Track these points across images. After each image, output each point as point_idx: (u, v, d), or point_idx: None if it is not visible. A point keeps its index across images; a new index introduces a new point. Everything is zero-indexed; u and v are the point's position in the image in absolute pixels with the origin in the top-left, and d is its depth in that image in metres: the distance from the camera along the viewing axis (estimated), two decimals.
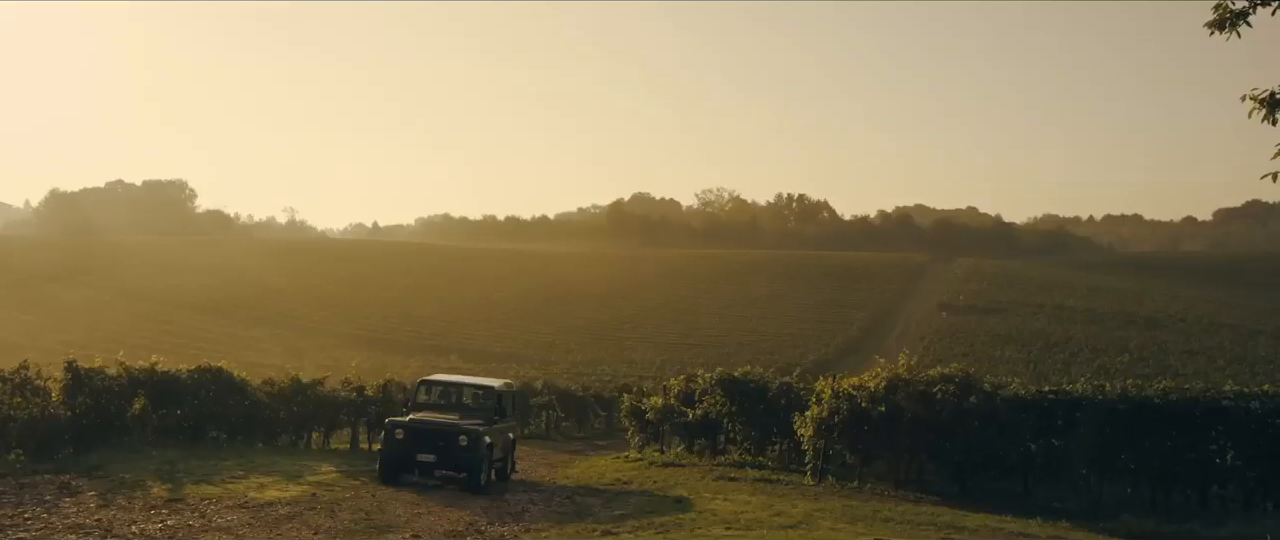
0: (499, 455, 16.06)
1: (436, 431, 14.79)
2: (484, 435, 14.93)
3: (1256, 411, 13.56)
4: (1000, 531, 11.76)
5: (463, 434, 14.68)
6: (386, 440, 15.11)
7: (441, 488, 14.90)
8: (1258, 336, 77.73)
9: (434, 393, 16.85)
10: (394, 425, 15.12)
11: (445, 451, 14.67)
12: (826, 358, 71.77)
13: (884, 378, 15.92)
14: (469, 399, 16.61)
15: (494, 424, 15.73)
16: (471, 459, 14.64)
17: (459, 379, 18.02)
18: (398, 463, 14.85)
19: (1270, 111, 7.97)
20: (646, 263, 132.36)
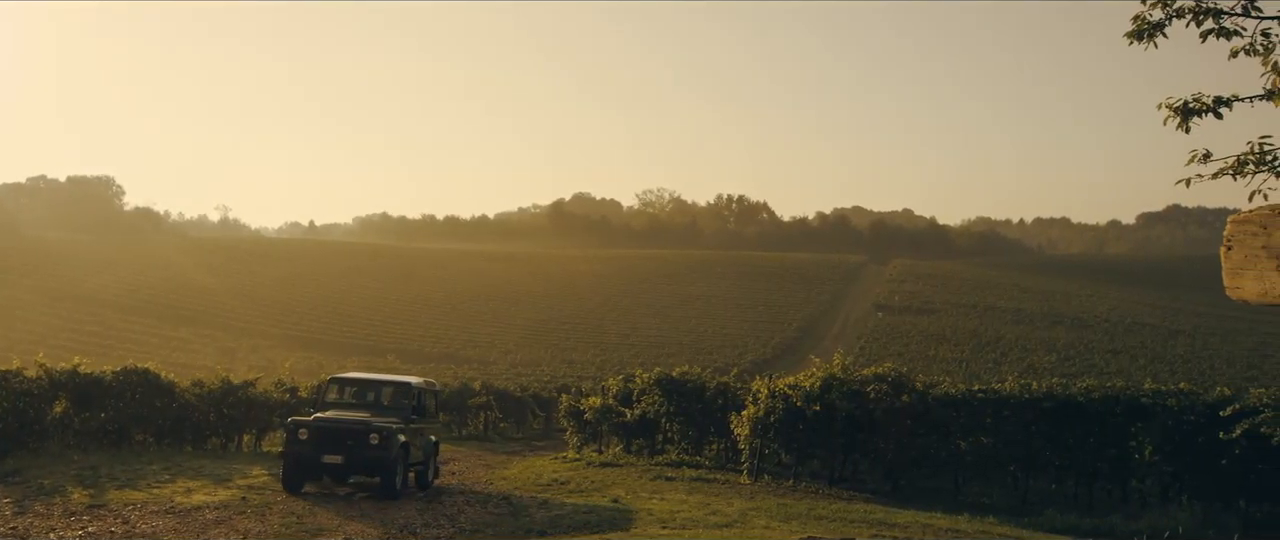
0: (418, 458, 14.96)
1: (345, 431, 13.49)
2: (398, 435, 13.75)
3: (1173, 409, 14.02)
4: (930, 528, 11.99)
5: (374, 432, 13.44)
6: (289, 441, 13.69)
7: (353, 496, 13.74)
8: (1177, 336, 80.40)
9: (346, 391, 15.56)
10: (297, 425, 13.72)
11: (355, 453, 13.37)
12: (765, 357, 72.49)
13: (819, 377, 16.13)
14: (385, 398, 15.26)
15: (411, 423, 14.55)
16: (384, 461, 13.44)
17: (373, 376, 16.62)
18: (301, 466, 13.50)
19: (1184, 119, 8.25)
20: (587, 263, 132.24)
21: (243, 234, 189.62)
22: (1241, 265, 2.28)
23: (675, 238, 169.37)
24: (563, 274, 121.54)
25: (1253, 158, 8.25)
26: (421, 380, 16.22)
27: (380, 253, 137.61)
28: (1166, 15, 8.58)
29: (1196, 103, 8.21)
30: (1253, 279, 2.26)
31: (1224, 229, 2.46)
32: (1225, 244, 2.34)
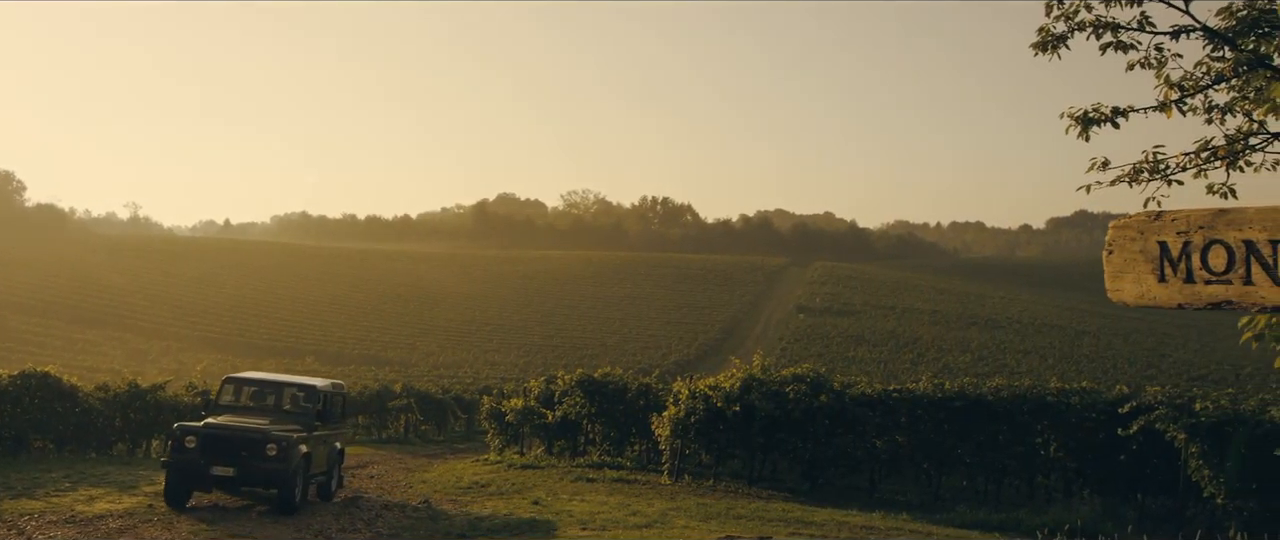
0: (320, 468, 13.71)
1: (238, 439, 12.16)
2: (299, 444, 12.45)
3: (1076, 406, 14.54)
4: (845, 525, 12.21)
5: (272, 442, 12.11)
6: (174, 451, 12.13)
7: (247, 510, 12.62)
8: (1083, 336, 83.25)
9: (243, 393, 14.14)
10: (184, 431, 12.29)
11: (249, 464, 12.04)
12: (688, 358, 72.93)
13: (739, 378, 16.30)
14: (286, 401, 13.98)
15: (315, 430, 13.30)
16: (283, 473, 12.10)
17: (273, 377, 15.15)
18: (187, 479, 12.09)
19: (1084, 129, 8.59)
20: (511, 264, 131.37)
21: (154, 232, 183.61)
22: (1121, 269, 2.38)
23: (600, 239, 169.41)
24: (486, 275, 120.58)
25: (1147, 166, 8.63)
26: (327, 382, 14.93)
27: (299, 253, 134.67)
28: (1069, 28, 8.94)
29: (1096, 113, 8.56)
30: (1131, 282, 2.36)
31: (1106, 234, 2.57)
32: (1107, 248, 2.44)
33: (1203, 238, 2.29)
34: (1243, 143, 8.31)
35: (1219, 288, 2.28)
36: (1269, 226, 2.16)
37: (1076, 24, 8.87)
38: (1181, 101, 8.52)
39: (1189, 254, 2.33)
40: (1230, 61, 8.31)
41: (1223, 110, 8.77)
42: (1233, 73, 8.27)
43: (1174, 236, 2.35)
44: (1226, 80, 8.36)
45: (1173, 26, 8.56)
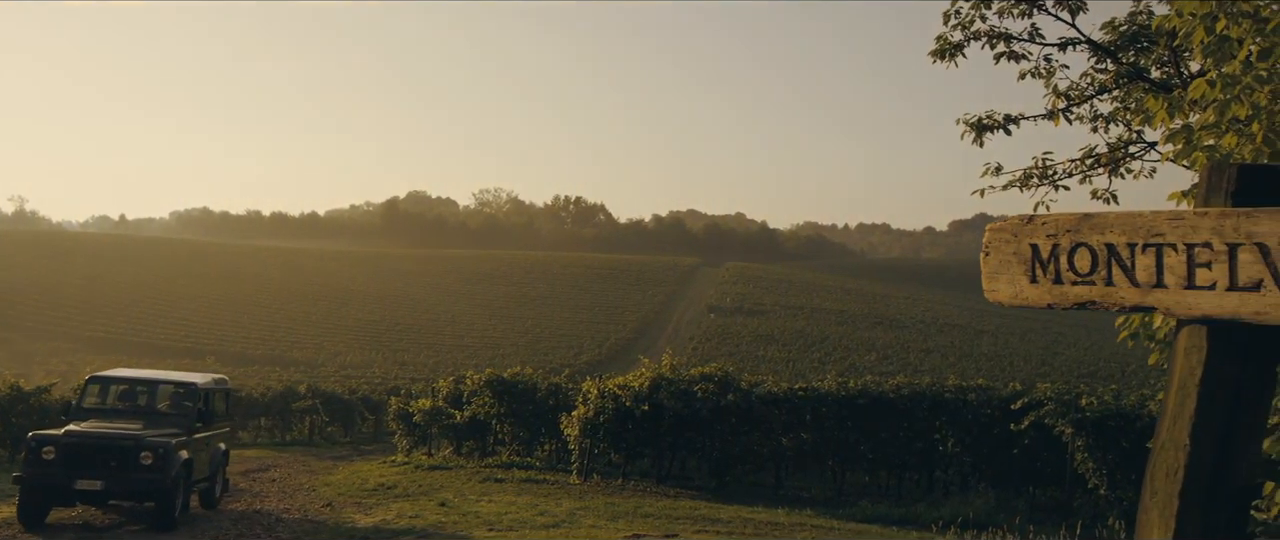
0: (203, 475, 12.49)
1: (106, 447, 10.76)
2: (178, 450, 11.21)
3: (972, 403, 15.07)
4: (751, 522, 12.41)
5: (146, 449, 10.80)
6: (29, 463, 10.71)
7: (120, 526, 11.39)
8: (982, 335, 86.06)
9: (111, 394, 12.74)
10: (40, 441, 10.84)
11: (119, 475, 10.69)
12: (600, 358, 73.00)
13: (648, 377, 16.41)
14: (162, 401, 12.67)
15: (196, 434, 12.07)
16: (160, 484, 10.80)
17: (147, 374, 13.75)
18: (46, 495, 10.75)
19: (979, 135, 8.93)
20: (422, 263, 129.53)
21: (42, 227, 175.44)
22: (996, 270, 2.49)
23: (512, 238, 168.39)
24: (396, 274, 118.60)
25: (1036, 172, 9.02)
26: (208, 378, 13.53)
27: (200, 250, 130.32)
28: (965, 37, 9.28)
29: (989, 120, 8.92)
30: (1005, 282, 2.46)
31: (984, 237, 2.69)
32: (984, 250, 2.55)
33: (1069, 241, 2.41)
34: (1123, 151, 8.74)
35: (1084, 288, 2.40)
36: (1128, 231, 2.29)
37: (972, 33, 9.22)
38: (1068, 110, 8.93)
39: (1058, 256, 2.45)
40: (1112, 73, 8.74)
41: (1106, 120, 9.21)
42: (1114, 84, 8.70)
43: (1044, 239, 2.47)
44: (1109, 91, 8.79)
45: (1060, 39, 8.97)
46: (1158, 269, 2.23)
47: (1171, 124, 5.21)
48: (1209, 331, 2.19)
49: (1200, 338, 2.21)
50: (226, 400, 14.37)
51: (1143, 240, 2.26)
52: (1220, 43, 4.72)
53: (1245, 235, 2.06)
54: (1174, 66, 8.31)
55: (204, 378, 13.32)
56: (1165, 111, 5.12)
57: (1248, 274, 2.05)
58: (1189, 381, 2.24)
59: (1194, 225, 2.15)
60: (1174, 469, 2.25)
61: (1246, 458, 2.25)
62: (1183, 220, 2.18)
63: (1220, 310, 2.11)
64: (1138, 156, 8.71)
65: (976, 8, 8.99)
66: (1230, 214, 2.10)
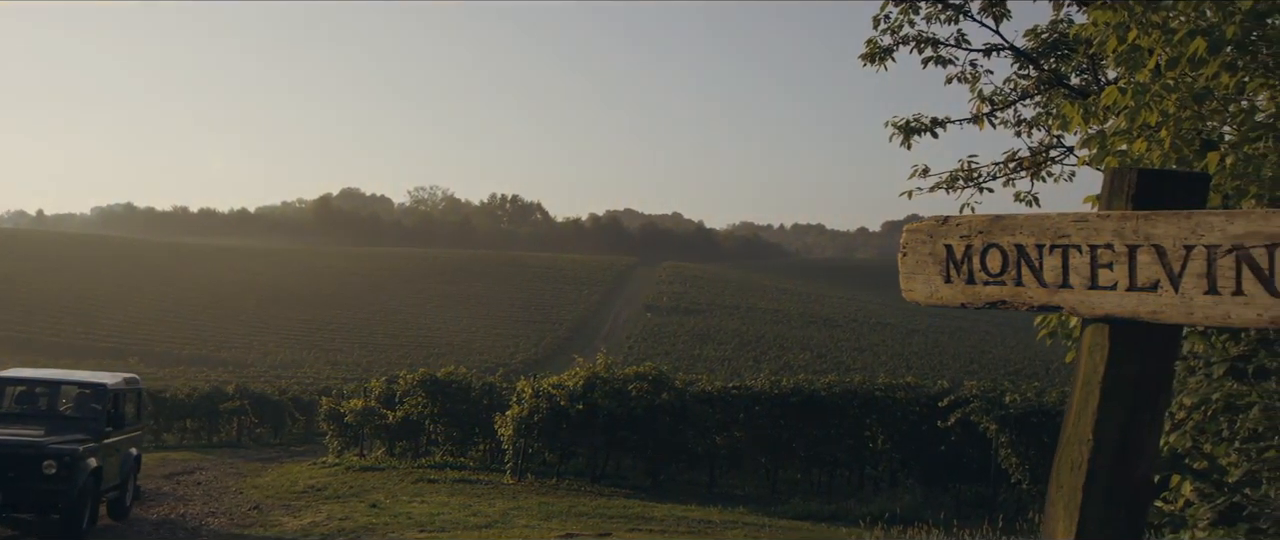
0: (113, 482, 11.62)
1: (3, 456, 9.99)
2: (86, 457, 10.41)
3: (901, 400, 15.36)
4: (684, 520, 12.49)
5: (49, 457, 9.97)
6: None
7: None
8: (914, 334, 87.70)
9: (8, 396, 11.76)
10: None
11: (19, 486, 9.89)
12: (536, 357, 72.71)
13: (582, 377, 16.40)
14: (67, 403, 11.96)
15: (105, 439, 11.16)
16: (65, 495, 10.01)
17: (49, 374, 12.94)
18: None
19: (906, 137, 9.10)
20: (355, 260, 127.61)
21: None
22: (913, 270, 2.55)
23: (448, 237, 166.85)
24: (329, 272, 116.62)
25: (962, 174, 9.23)
26: (118, 377, 12.63)
27: (124, 247, 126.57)
28: (895, 41, 9.46)
29: (917, 123, 9.10)
30: (921, 282, 2.52)
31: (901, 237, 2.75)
32: (901, 251, 2.60)
33: (982, 242, 2.47)
34: (1044, 155, 8.99)
35: (995, 288, 2.46)
36: (1036, 233, 2.36)
37: (901, 38, 9.38)
38: (992, 115, 9.15)
39: (971, 257, 2.50)
40: (1034, 79, 8.99)
41: (1029, 124, 9.46)
42: (1036, 90, 8.94)
43: (958, 240, 2.52)
44: (1031, 97, 9.03)
45: (985, 45, 9.19)
46: (1064, 270, 2.30)
47: (1087, 129, 5.38)
48: (1111, 330, 2.26)
49: (1103, 336, 2.28)
50: (139, 401, 13.56)
51: (1050, 242, 2.33)
52: (1131, 52, 4.88)
53: (1144, 237, 2.13)
54: (1092, 74, 8.57)
55: (114, 378, 12.44)
56: (1080, 117, 5.27)
57: (1146, 275, 2.13)
58: (1092, 379, 2.31)
59: (1097, 228, 2.23)
60: (1078, 463, 2.32)
61: (1146, 452, 2.33)
62: (1087, 223, 2.25)
63: (1121, 310, 2.19)
64: (1058, 161, 8.97)
65: (905, 13, 9.17)
66: (1130, 217, 2.17)
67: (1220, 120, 4.87)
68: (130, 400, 12.78)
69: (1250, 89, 4.72)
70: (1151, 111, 4.76)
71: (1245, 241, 1.95)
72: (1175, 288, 2.08)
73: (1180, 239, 2.07)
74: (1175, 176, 2.31)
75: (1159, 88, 4.68)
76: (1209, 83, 4.71)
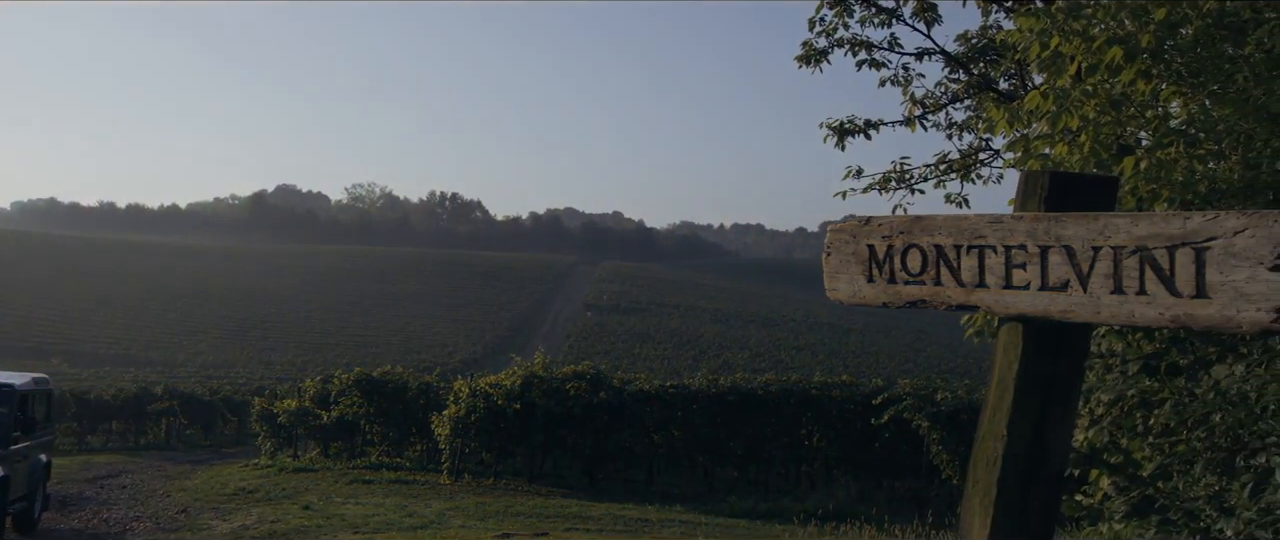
0: (20, 493, 10.74)
1: None
2: None
3: (836, 398, 15.57)
4: (621, 519, 12.51)
5: None
6: None
7: None
8: (850, 333, 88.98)
9: None
10: None
11: None
12: (475, 356, 72.18)
13: (520, 376, 16.34)
14: None
15: (11, 444, 10.27)
16: None
17: None
18: None
19: (841, 138, 9.23)
20: (290, 258, 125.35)
21: None
22: (837, 269, 2.58)
23: (386, 234, 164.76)
24: (263, 270, 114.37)
25: (895, 175, 9.39)
26: (27, 378, 11.70)
27: (46, 243, 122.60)
28: (830, 44, 9.59)
29: (850, 125, 9.23)
30: (845, 281, 2.56)
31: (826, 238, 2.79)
32: (825, 251, 2.64)
33: (903, 242, 2.51)
34: (974, 158, 9.19)
35: (915, 288, 2.51)
36: (954, 233, 2.41)
37: (836, 41, 9.51)
38: (924, 117, 9.33)
39: (892, 257, 2.55)
40: (964, 83, 9.18)
41: (960, 127, 9.66)
42: (966, 94, 9.13)
43: (879, 240, 2.57)
44: (961, 100, 9.22)
45: (917, 49, 9.36)
46: (980, 269, 2.35)
47: (1011, 133, 5.51)
48: (1024, 329, 2.32)
49: (1017, 335, 2.34)
50: (50, 403, 12.72)
51: (967, 242, 2.38)
52: (1054, 58, 5.01)
53: (1055, 238, 2.19)
54: (1020, 79, 8.77)
55: (22, 378, 11.48)
56: (1006, 121, 5.40)
57: (1057, 275, 2.19)
58: (1007, 376, 2.37)
59: (1011, 228, 2.28)
60: (993, 459, 2.38)
61: (1058, 447, 2.40)
62: (1002, 224, 2.31)
63: (1033, 309, 2.24)
64: (987, 163, 9.17)
65: (840, 16, 9.29)
66: (1042, 218, 2.23)
67: (1137, 126, 5.02)
68: (40, 402, 11.92)
69: (1164, 96, 4.88)
70: (1072, 116, 4.89)
71: (1148, 243, 2.02)
72: (1084, 287, 2.14)
73: (1089, 240, 2.13)
74: (1086, 179, 2.38)
75: (1079, 93, 4.82)
76: (1126, 89, 4.86)
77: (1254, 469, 3.58)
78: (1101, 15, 4.82)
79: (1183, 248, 1.97)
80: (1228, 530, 3.67)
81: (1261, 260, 1.84)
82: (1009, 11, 8.32)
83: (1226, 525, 3.67)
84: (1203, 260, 1.93)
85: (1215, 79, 4.20)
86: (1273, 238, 1.83)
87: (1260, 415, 3.47)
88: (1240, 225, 1.88)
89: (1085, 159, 4.95)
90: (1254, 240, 1.86)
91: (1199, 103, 4.62)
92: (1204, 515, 3.95)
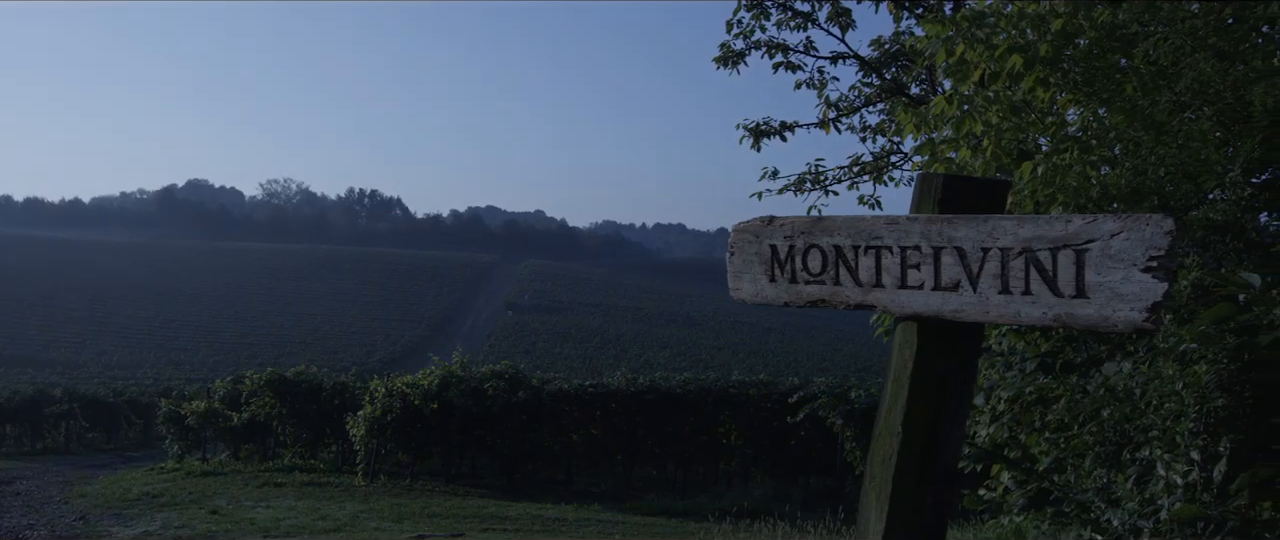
0: None
1: None
2: None
3: (753, 397, 15.74)
4: (538, 519, 12.45)
5: None
6: None
7: None
8: (770, 332, 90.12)
9: None
10: None
11: None
12: (394, 356, 71.12)
13: (437, 375, 16.15)
14: None
15: None
16: None
17: None
18: None
19: (756, 140, 9.34)
20: (202, 255, 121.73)
21: None
22: (741, 269, 2.62)
23: (302, 232, 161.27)
24: (173, 268, 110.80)
25: (810, 177, 9.55)
26: None
27: None
28: (747, 46, 9.70)
29: (766, 126, 9.36)
30: (748, 281, 2.60)
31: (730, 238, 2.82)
32: (729, 251, 2.67)
33: (804, 243, 2.56)
34: (886, 160, 9.39)
35: (816, 287, 2.55)
36: (852, 234, 2.46)
37: (753, 43, 9.62)
38: (838, 120, 9.50)
39: (794, 257, 2.59)
40: (877, 88, 9.37)
41: (873, 130, 9.86)
42: (879, 97, 9.32)
43: (781, 241, 2.60)
44: (874, 104, 9.41)
45: (832, 53, 9.53)
46: (877, 270, 2.41)
47: (919, 136, 5.64)
48: (919, 328, 2.38)
49: (912, 334, 2.40)
50: None
51: (865, 243, 2.43)
52: (959, 65, 5.14)
53: (947, 240, 2.26)
54: (930, 84, 9.00)
55: None
56: (913, 125, 5.54)
57: (949, 275, 2.25)
58: (902, 374, 2.43)
59: (906, 230, 2.34)
60: (889, 455, 2.43)
61: (952, 443, 2.46)
62: (897, 225, 2.37)
63: (927, 308, 2.30)
64: (898, 166, 9.39)
65: (757, 19, 9.40)
66: (936, 220, 2.29)
67: (1037, 131, 5.19)
68: None
69: (1062, 104, 5.06)
70: (976, 121, 5.03)
71: (1033, 245, 2.09)
72: (974, 288, 2.21)
73: (978, 242, 2.20)
74: (977, 183, 2.44)
75: (982, 99, 4.96)
76: (1027, 96, 5.02)
77: (1139, 462, 3.73)
78: (1004, 24, 4.97)
79: (1064, 249, 2.04)
80: (1115, 521, 3.82)
81: (1135, 262, 1.92)
82: (919, 18, 8.53)
83: (1113, 516, 3.83)
84: (1082, 262, 2.01)
85: (1107, 88, 4.37)
86: (1145, 240, 1.91)
87: (1144, 410, 3.62)
88: (1116, 228, 1.96)
89: (988, 163, 5.10)
90: (1129, 243, 1.94)
91: (1093, 111, 4.80)
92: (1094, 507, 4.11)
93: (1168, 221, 1.89)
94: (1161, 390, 3.50)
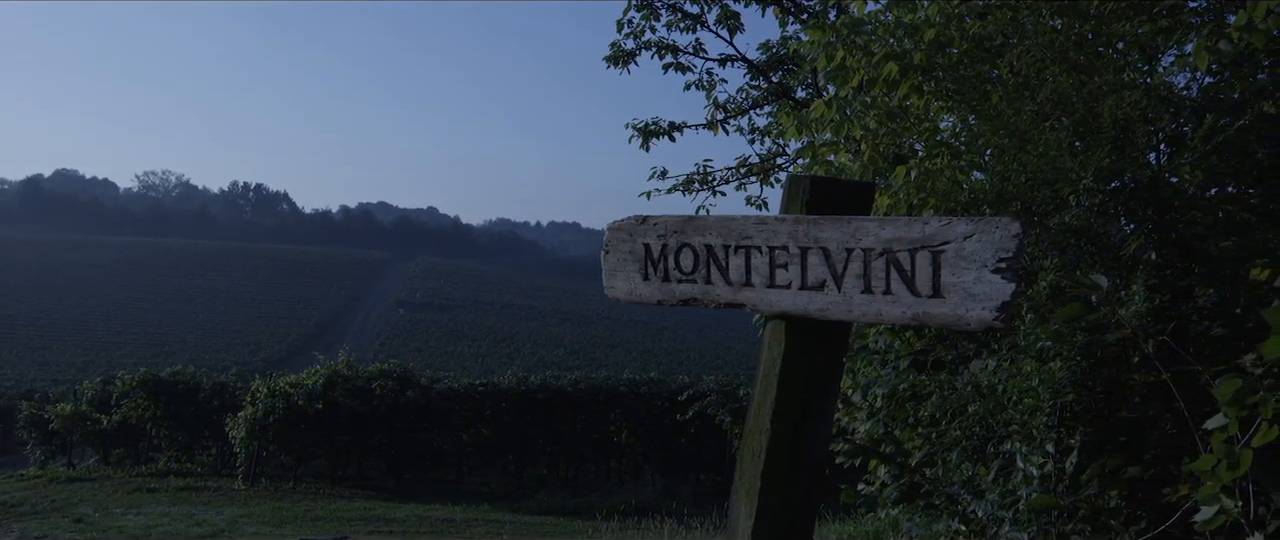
0: None
1: None
2: None
3: (644, 395, 15.85)
4: (427, 519, 12.26)
5: None
6: None
7: None
8: (663, 331, 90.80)
9: None
10: None
11: None
12: (279, 355, 68.93)
13: (322, 375, 15.75)
14: None
15: None
16: None
17: None
18: None
19: (645, 140, 9.39)
20: (71, 250, 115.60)
21: None
22: (615, 267, 2.62)
23: (183, 226, 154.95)
24: (39, 263, 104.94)
25: (698, 177, 9.65)
26: None
27: None
28: (637, 46, 9.75)
29: (655, 126, 9.42)
30: (622, 279, 2.60)
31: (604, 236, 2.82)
32: (604, 249, 2.68)
33: (676, 242, 2.58)
34: (773, 162, 9.56)
35: (688, 286, 2.58)
36: (723, 234, 2.49)
37: (643, 43, 9.67)
38: (726, 121, 9.63)
39: (667, 256, 2.61)
40: (765, 90, 9.54)
41: (761, 132, 10.02)
42: (766, 100, 9.49)
43: (655, 240, 2.62)
44: (761, 106, 9.58)
45: (721, 55, 9.65)
46: (747, 269, 2.44)
47: (801, 139, 5.76)
48: (787, 326, 2.42)
49: (780, 332, 2.45)
50: None
51: (735, 243, 2.47)
52: (839, 70, 5.26)
53: (813, 240, 2.30)
54: (815, 88, 9.20)
55: None
56: (795, 128, 5.65)
57: (815, 275, 2.30)
58: (771, 372, 2.47)
59: (775, 230, 2.38)
60: (757, 451, 2.47)
61: (819, 440, 2.51)
62: (766, 225, 2.41)
63: (794, 307, 2.35)
64: (784, 168, 9.56)
65: (647, 19, 9.45)
66: (803, 221, 2.34)
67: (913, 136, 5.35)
68: None
69: (935, 111, 5.23)
70: (854, 125, 5.16)
71: (893, 246, 2.16)
72: (839, 287, 2.27)
73: (843, 242, 2.26)
74: (844, 185, 2.50)
75: (860, 104, 5.09)
76: (902, 102, 5.18)
77: (1001, 455, 3.89)
78: (881, 32, 5.11)
79: (922, 250, 2.11)
80: (979, 512, 3.98)
81: (986, 263, 2.00)
82: (804, 24, 8.71)
83: (978, 507, 3.98)
84: (939, 262, 2.08)
85: (976, 97, 4.54)
86: (996, 242, 1.99)
87: (1006, 406, 3.78)
88: (969, 230, 2.04)
89: (866, 166, 5.24)
90: (980, 244, 2.02)
91: (964, 118, 4.98)
92: (961, 498, 4.27)
93: (1015, 225, 1.97)
94: (1021, 386, 3.66)
